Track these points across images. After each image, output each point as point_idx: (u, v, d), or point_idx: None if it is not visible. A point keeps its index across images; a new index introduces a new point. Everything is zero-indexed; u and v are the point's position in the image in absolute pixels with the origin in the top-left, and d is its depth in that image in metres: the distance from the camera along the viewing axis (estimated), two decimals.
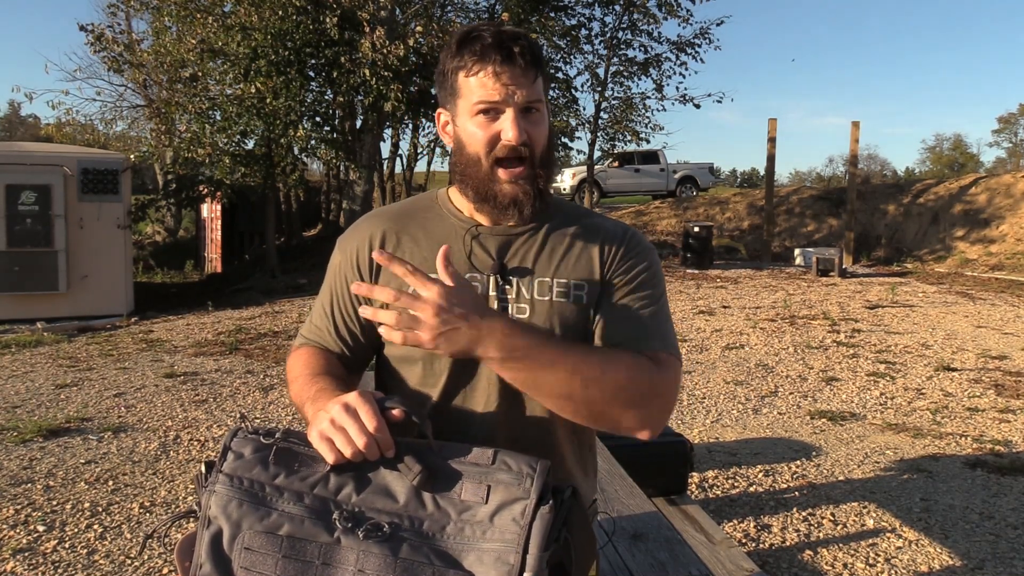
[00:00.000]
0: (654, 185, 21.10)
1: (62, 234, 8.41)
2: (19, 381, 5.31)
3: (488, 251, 1.19)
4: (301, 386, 1.16)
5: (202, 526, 0.93)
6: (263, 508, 0.93)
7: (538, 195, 1.16)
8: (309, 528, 0.91)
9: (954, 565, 2.71)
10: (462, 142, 1.17)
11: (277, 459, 0.96)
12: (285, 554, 0.90)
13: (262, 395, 4.98)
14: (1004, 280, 11.36)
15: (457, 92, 1.15)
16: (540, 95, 1.15)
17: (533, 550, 0.89)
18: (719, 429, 4.34)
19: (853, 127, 14.15)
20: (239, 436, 0.99)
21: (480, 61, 1.11)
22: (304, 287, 10.51)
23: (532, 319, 1.17)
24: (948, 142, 60.79)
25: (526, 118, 1.13)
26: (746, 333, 7.07)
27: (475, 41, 1.11)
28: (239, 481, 0.95)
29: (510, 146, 1.12)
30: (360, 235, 1.25)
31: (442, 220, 1.23)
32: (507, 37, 1.11)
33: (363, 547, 0.90)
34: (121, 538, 2.85)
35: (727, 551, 2.13)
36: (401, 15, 12.54)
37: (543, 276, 1.19)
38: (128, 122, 19.86)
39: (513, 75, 1.10)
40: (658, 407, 1.11)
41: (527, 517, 0.90)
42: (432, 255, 1.17)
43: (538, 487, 0.92)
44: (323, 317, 1.26)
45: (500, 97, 1.11)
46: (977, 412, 4.62)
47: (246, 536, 0.91)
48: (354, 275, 1.23)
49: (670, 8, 15.13)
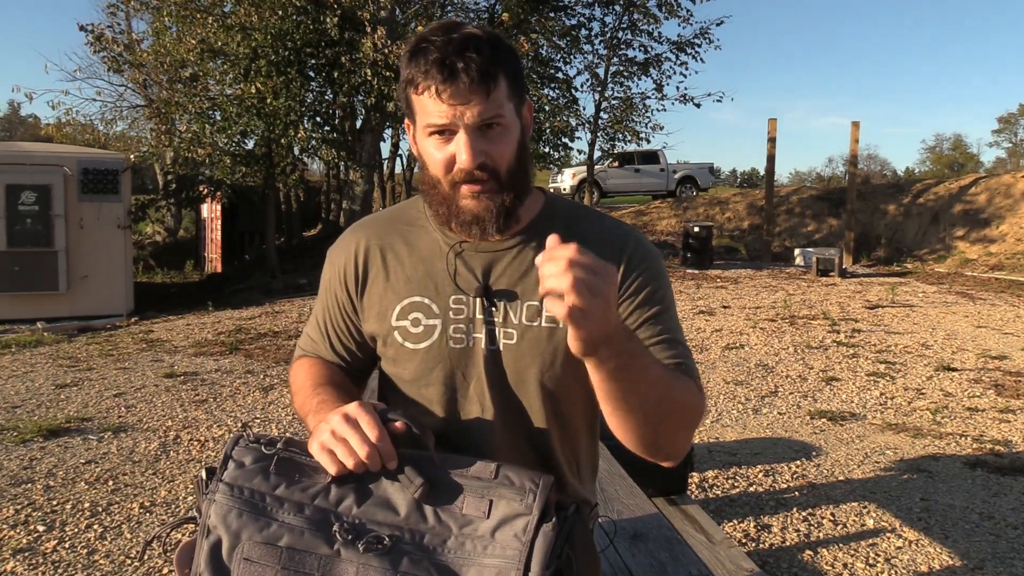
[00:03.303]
0: (654, 185, 21.11)
1: (62, 234, 8.41)
2: (19, 381, 5.31)
3: (473, 271, 1.13)
4: (304, 398, 1.14)
5: (202, 535, 0.92)
6: (263, 519, 0.92)
7: (504, 211, 1.07)
8: (309, 540, 0.91)
9: (954, 565, 2.71)
10: (423, 161, 1.10)
11: (278, 469, 0.96)
12: (284, 565, 0.89)
13: (262, 395, 4.98)
14: (1004, 280, 11.36)
15: (412, 108, 1.06)
16: (499, 108, 1.03)
17: (535, 567, 0.88)
18: (719, 429, 4.34)
19: (853, 127, 14.15)
20: (240, 445, 0.98)
21: (425, 78, 1.01)
22: (304, 287, 10.52)
23: (520, 345, 1.11)
24: (948, 142, 60.88)
25: (484, 135, 1.03)
26: (746, 333, 7.07)
27: (422, 55, 1.01)
28: (239, 491, 0.94)
29: (464, 170, 1.04)
30: (347, 246, 1.21)
31: (427, 235, 1.17)
32: (453, 49, 0.99)
33: (363, 560, 0.89)
34: (121, 538, 2.85)
35: (727, 551, 2.13)
36: (401, 15, 12.54)
37: (531, 299, 1.11)
38: (128, 122, 19.82)
39: (458, 93, 1.00)
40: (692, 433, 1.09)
41: (529, 533, 0.89)
42: (415, 274, 1.15)
43: (540, 503, 0.91)
44: (319, 332, 1.24)
45: (447, 120, 1.01)
46: (977, 412, 4.62)
47: (245, 547, 0.91)
48: (343, 291, 1.20)
49: (670, 8, 15.15)
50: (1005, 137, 59.00)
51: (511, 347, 1.11)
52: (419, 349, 1.13)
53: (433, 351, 1.12)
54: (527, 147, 1.11)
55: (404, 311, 1.14)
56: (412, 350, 1.14)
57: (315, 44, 11.01)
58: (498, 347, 1.12)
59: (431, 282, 1.14)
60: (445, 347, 1.12)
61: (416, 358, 1.14)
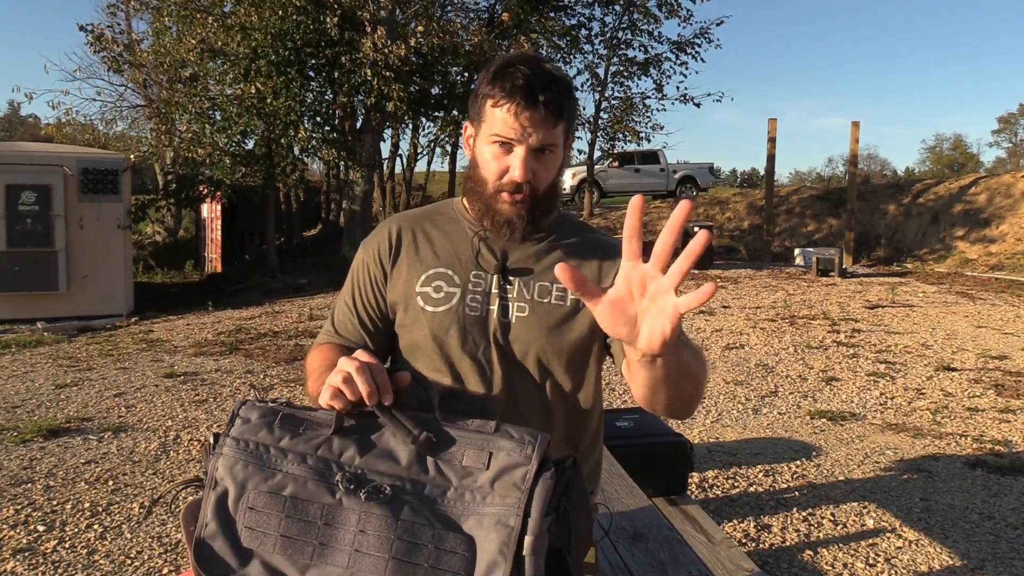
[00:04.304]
0: (654, 185, 21.08)
1: (62, 234, 8.41)
2: (19, 381, 5.31)
3: (494, 252, 1.29)
4: (316, 379, 1.19)
5: (208, 487, 0.95)
6: (268, 469, 0.95)
7: (531, 220, 1.25)
8: (312, 489, 0.93)
9: (954, 565, 2.71)
10: (477, 163, 1.26)
11: (283, 423, 0.99)
12: (288, 514, 0.92)
13: (262, 395, 4.98)
14: (1004, 280, 11.36)
15: (482, 116, 1.23)
16: (557, 139, 1.22)
17: (534, 513, 0.90)
18: (719, 429, 4.34)
19: (853, 127, 14.15)
20: (247, 404, 1.01)
21: (508, 98, 1.17)
22: (304, 287, 10.52)
23: (530, 318, 1.25)
24: (948, 142, 60.86)
25: (537, 158, 1.21)
26: (746, 333, 7.07)
27: (509, 78, 1.18)
28: (245, 444, 0.97)
29: (513, 182, 1.21)
30: (381, 231, 1.36)
31: (455, 223, 1.34)
32: (540, 83, 1.17)
33: (364, 508, 0.91)
34: (121, 538, 2.85)
35: (727, 551, 2.13)
36: (401, 15, 12.54)
37: (543, 280, 1.27)
38: (128, 122, 19.84)
39: (533, 119, 1.17)
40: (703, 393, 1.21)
41: (528, 482, 0.92)
42: (442, 251, 1.30)
43: (539, 454, 0.94)
44: (345, 310, 1.33)
45: (515, 136, 1.19)
46: (977, 412, 4.62)
47: (251, 496, 0.93)
48: (376, 266, 1.32)
49: (670, 8, 15.15)
50: (1005, 137, 59.02)
51: (522, 319, 1.25)
52: (438, 312, 1.25)
53: (450, 314, 1.24)
54: (562, 172, 1.30)
55: (428, 279, 1.28)
56: (432, 312, 1.25)
57: (315, 44, 11.00)
58: (510, 320, 1.25)
59: (456, 259, 1.29)
60: (462, 312, 1.25)
61: (435, 320, 1.25)
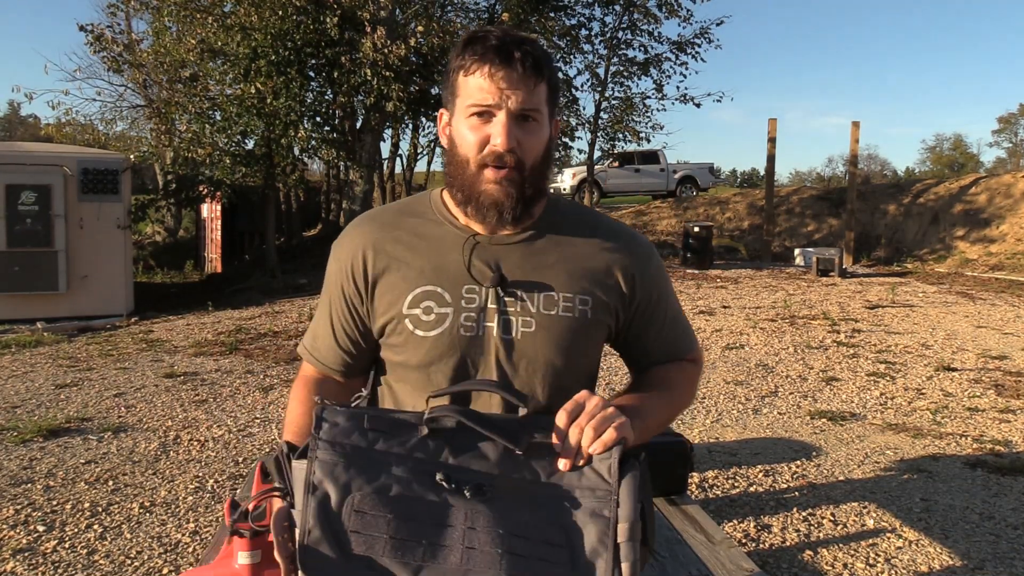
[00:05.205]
0: (654, 185, 21.09)
1: (62, 234, 8.41)
2: (19, 381, 5.31)
3: (488, 262, 1.16)
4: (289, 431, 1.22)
5: (307, 493, 0.92)
6: (371, 471, 0.94)
7: (523, 201, 1.13)
8: (417, 489, 0.93)
9: (954, 565, 2.71)
10: (454, 143, 1.15)
11: (372, 425, 0.98)
12: (397, 515, 0.91)
13: (262, 395, 4.98)
14: (1004, 280, 11.36)
15: (455, 91, 1.13)
16: (540, 104, 1.11)
17: (626, 503, 0.93)
18: (719, 429, 4.34)
19: (853, 127, 14.15)
20: (329, 408, 1.00)
21: (479, 61, 1.09)
22: (304, 287, 10.51)
23: (538, 334, 1.15)
24: (948, 142, 60.84)
25: (521, 126, 1.10)
26: (746, 333, 7.07)
27: (478, 42, 1.10)
28: (340, 447, 0.95)
29: (496, 152, 1.09)
30: (353, 242, 1.23)
31: (438, 227, 1.20)
32: (511, 41, 1.09)
33: (470, 506, 0.92)
34: (121, 538, 2.85)
35: (727, 551, 2.13)
36: (401, 15, 12.54)
37: (547, 290, 1.16)
38: (128, 122, 19.85)
39: (510, 79, 1.08)
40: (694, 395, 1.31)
41: (614, 474, 0.95)
42: (428, 264, 1.16)
43: (619, 450, 0.97)
44: (323, 327, 1.27)
45: (493, 100, 1.08)
46: (977, 412, 4.62)
47: (356, 498, 0.92)
48: (350, 284, 1.21)
49: (670, 8, 15.15)
50: (1005, 137, 59.06)
51: (529, 335, 1.15)
52: (429, 336, 1.15)
53: (444, 339, 1.15)
54: (551, 154, 1.19)
55: (416, 299, 1.16)
56: (422, 337, 1.15)
57: (315, 44, 11.00)
58: (513, 336, 1.15)
59: (444, 272, 1.16)
60: (456, 335, 1.14)
61: (426, 345, 1.15)
